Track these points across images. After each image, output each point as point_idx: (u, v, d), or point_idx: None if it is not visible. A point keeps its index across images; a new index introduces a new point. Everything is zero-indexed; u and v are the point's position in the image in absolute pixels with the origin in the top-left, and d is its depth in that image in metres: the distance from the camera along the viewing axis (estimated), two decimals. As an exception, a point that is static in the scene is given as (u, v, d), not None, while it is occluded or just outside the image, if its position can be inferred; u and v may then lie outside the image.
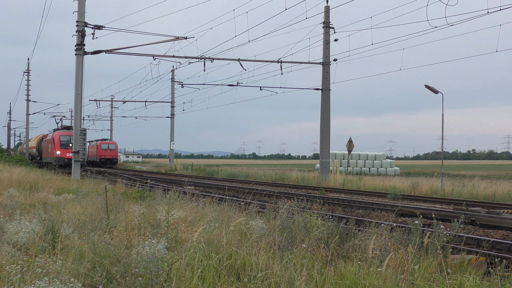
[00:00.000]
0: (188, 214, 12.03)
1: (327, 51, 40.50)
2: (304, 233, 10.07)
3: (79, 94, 32.28)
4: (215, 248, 8.16)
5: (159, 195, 16.00)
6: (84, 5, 32.19)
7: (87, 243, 8.28)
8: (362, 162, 68.61)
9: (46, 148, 63.49)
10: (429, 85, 33.17)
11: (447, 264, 8.58)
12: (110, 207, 11.99)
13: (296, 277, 7.22)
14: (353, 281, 7.30)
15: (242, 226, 10.36)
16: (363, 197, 28.91)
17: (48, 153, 62.36)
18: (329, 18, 39.98)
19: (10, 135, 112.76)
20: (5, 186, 21.42)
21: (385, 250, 8.97)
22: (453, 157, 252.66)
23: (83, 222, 10.86)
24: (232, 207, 14.16)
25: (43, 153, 65.97)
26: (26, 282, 6.67)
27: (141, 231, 9.88)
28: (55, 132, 59.25)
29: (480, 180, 38.59)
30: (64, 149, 56.12)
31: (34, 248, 8.89)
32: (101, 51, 32.04)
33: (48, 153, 61.86)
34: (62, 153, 56.45)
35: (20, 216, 11.13)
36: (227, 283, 7.20)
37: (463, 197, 27.45)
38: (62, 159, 56.16)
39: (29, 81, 75.59)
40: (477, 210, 19.80)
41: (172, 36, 32.83)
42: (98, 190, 18.83)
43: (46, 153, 63.78)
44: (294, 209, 11.43)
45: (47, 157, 63.01)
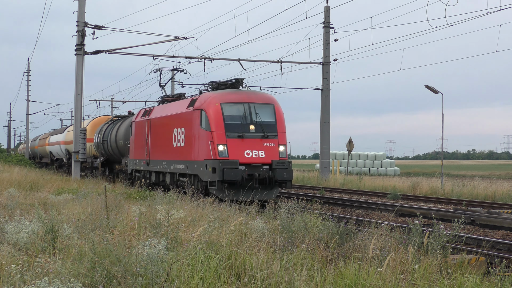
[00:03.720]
0: (188, 214, 12.03)
1: (327, 51, 40.49)
2: (304, 233, 10.07)
3: (79, 94, 32.27)
4: (215, 248, 8.16)
5: (159, 195, 16.00)
6: (84, 5, 32.19)
7: (87, 243, 8.28)
8: (362, 162, 68.61)
9: (158, 140, 25.88)
10: (429, 85, 33.18)
11: (447, 264, 8.58)
12: (110, 207, 11.98)
13: (296, 277, 7.22)
14: (353, 281, 7.30)
15: (242, 226, 10.36)
16: (363, 197, 28.91)
17: (166, 152, 24.90)
18: (329, 18, 40.00)
19: (10, 135, 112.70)
20: (5, 186, 21.41)
21: (385, 250, 8.97)
22: (453, 157, 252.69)
23: (83, 222, 10.86)
24: (232, 207, 14.16)
25: (134, 152, 28.84)
26: (26, 282, 6.66)
27: (141, 231, 9.88)
28: (200, 97, 22.15)
29: (480, 180, 38.59)
30: (236, 138, 20.74)
31: (34, 248, 8.89)
32: (101, 51, 32.04)
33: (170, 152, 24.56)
34: (233, 150, 20.75)
35: (20, 216, 11.13)
36: (227, 283, 7.19)
37: (463, 197, 27.45)
38: (236, 171, 20.08)
39: (29, 81, 75.56)
40: (477, 210, 19.80)
41: (172, 36, 32.85)
42: (98, 190, 18.84)
43: (160, 151, 25.74)
44: (294, 209, 11.43)
45: (161, 159, 25.23)
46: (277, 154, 20.54)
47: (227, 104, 20.90)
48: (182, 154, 22.62)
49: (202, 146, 20.82)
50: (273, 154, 20.48)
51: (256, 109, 21.10)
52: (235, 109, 20.96)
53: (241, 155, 20.13)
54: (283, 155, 20.65)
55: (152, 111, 27.23)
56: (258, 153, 20.32)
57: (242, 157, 20.10)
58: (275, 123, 21.10)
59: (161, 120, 25.75)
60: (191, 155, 21.66)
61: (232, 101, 21.08)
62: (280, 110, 21.53)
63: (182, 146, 22.61)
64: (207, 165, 20.20)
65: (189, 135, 21.98)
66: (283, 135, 21.06)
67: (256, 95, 21.59)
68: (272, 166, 20.27)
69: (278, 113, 21.34)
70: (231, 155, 20.05)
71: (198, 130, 21.21)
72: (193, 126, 21.63)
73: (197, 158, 21.08)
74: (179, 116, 23.24)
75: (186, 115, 22.42)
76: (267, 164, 20.34)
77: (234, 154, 20.08)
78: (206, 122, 20.72)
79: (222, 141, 20.26)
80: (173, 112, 24.25)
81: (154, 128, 26.46)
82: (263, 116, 21.09)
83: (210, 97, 21.26)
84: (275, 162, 20.33)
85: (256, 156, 20.29)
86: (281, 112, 21.52)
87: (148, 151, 26.84)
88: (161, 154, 25.27)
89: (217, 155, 19.97)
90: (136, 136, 28.81)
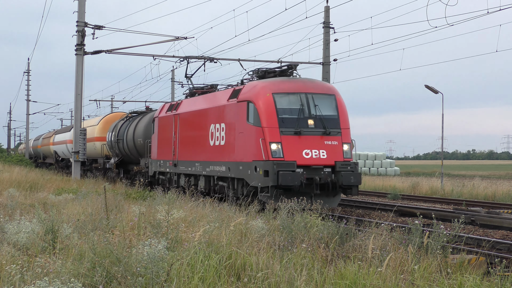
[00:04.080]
0: (188, 214, 12.04)
1: (327, 51, 40.51)
2: (304, 233, 10.07)
3: (79, 94, 32.28)
4: (215, 248, 8.16)
5: (159, 195, 16.00)
6: (84, 5, 32.19)
7: (87, 243, 8.28)
8: (362, 162, 68.63)
9: (189, 138, 22.52)
10: (429, 85, 33.19)
11: (447, 264, 8.59)
12: (110, 207, 11.99)
13: (296, 277, 7.22)
14: (353, 281, 7.30)
15: (242, 226, 10.36)
16: (363, 197, 28.92)
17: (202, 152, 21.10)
18: (329, 18, 40.00)
19: (10, 135, 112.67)
20: (5, 186, 21.41)
21: (385, 250, 8.97)
22: (453, 157, 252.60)
23: (83, 222, 10.86)
24: (232, 207, 14.16)
25: (158, 152, 25.67)
26: (26, 282, 6.66)
27: (141, 231, 9.88)
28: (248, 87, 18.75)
29: (480, 180, 38.60)
30: (292, 135, 17.26)
31: (34, 248, 8.89)
32: (101, 51, 32.02)
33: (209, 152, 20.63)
34: (289, 149, 17.13)
35: (20, 216, 11.13)
36: (227, 283, 7.20)
37: (463, 197, 27.46)
38: (293, 174, 16.54)
39: (29, 81, 75.54)
40: (477, 210, 19.81)
41: (172, 36, 32.84)
42: (98, 190, 18.84)
43: (189, 151, 22.47)
44: (294, 209, 11.43)
45: (190, 160, 21.97)
46: (341, 154, 17.44)
47: (280, 94, 17.57)
48: (222, 154, 19.29)
49: (249, 144, 17.54)
50: (336, 154, 17.35)
51: (315, 100, 17.80)
52: (290, 101, 17.65)
53: (298, 155, 16.94)
54: (347, 156, 17.56)
55: (180, 105, 23.75)
56: (318, 153, 17.10)
57: (300, 158, 16.92)
58: (337, 117, 17.88)
59: (193, 114, 22.17)
60: (234, 155, 18.43)
61: (286, 91, 17.72)
62: (342, 101, 18.29)
63: (222, 145, 19.27)
64: (257, 167, 16.93)
65: (232, 131, 18.64)
66: (347, 132, 17.93)
67: (314, 84, 18.42)
68: (336, 168, 17.18)
69: (341, 105, 18.12)
70: (286, 155, 16.84)
71: (244, 125, 17.87)
72: (237, 121, 18.31)
73: (243, 158, 17.85)
74: (218, 110, 19.79)
75: (228, 109, 19.07)
76: (329, 166, 17.18)
77: (290, 154, 16.88)
78: (255, 116, 17.39)
79: (276, 138, 16.96)
80: (210, 105, 20.74)
81: (183, 124, 22.94)
82: (324, 108, 17.84)
83: (259, 86, 17.97)
84: (339, 163, 17.21)
85: (316, 157, 17.09)
86: (343, 104, 18.31)
87: (176, 150, 23.34)
88: (193, 154, 21.83)
89: (269, 155, 16.75)
90: (160, 133, 25.35)
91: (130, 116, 33.15)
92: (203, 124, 21.00)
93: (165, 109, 25.39)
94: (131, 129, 30.41)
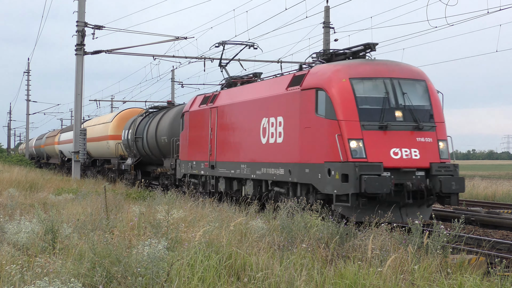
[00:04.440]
0: (188, 214, 12.04)
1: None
2: (304, 233, 10.07)
3: (79, 94, 32.27)
4: (215, 248, 8.16)
5: (159, 195, 16.00)
6: (84, 5, 32.19)
7: (87, 243, 8.28)
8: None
9: (231, 134, 19.36)
10: (429, 85, 33.11)
11: (447, 264, 8.59)
12: (110, 207, 12.00)
13: (296, 277, 7.23)
14: (353, 281, 7.30)
15: (242, 226, 10.37)
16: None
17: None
18: (329, 18, 40.01)
19: (10, 135, 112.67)
20: (5, 186, 21.42)
21: (385, 250, 8.97)
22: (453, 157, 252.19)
23: (83, 222, 10.87)
24: (232, 207, 14.16)
25: (189, 151, 22.43)
26: (26, 282, 6.67)
27: (141, 231, 9.89)
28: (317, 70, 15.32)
29: (480, 180, 38.60)
30: (377, 130, 13.96)
31: (34, 248, 8.90)
32: (101, 51, 32.03)
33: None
34: (373, 148, 13.81)
35: (20, 216, 11.13)
36: (227, 283, 7.20)
37: (463, 197, 27.45)
38: (381, 180, 13.27)
39: (29, 81, 75.55)
40: (477, 210, 19.81)
41: (172, 36, 32.86)
42: (98, 190, 18.84)
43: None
44: (294, 209, 11.42)
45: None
46: (437, 153, 13.90)
47: (359, 79, 14.08)
48: (279, 153, 15.86)
49: (320, 141, 14.15)
50: (431, 154, 13.85)
51: (403, 87, 14.25)
52: (372, 88, 14.18)
53: (385, 156, 13.45)
54: (444, 156, 14.08)
55: (218, 97, 20.29)
56: (409, 152, 13.62)
57: (387, 159, 13.41)
58: (430, 108, 14.32)
59: (236, 107, 18.67)
60: (297, 154, 14.94)
61: (367, 76, 14.20)
62: (434, 89, 14.70)
63: (279, 143, 15.88)
64: (332, 170, 13.49)
65: (294, 126, 15.19)
66: (443, 126, 14.35)
67: (400, 67, 14.78)
68: (431, 172, 13.63)
69: (433, 94, 14.52)
70: (370, 155, 13.36)
71: (312, 118, 14.42)
72: (302, 114, 14.85)
73: (311, 159, 14.38)
74: (273, 101, 16.40)
75: (287, 99, 15.63)
76: (422, 169, 13.67)
77: (375, 153, 13.42)
78: (327, 106, 13.97)
79: (356, 134, 13.53)
80: (260, 96, 17.31)
81: (223, 119, 19.45)
82: (413, 97, 14.31)
83: (332, 70, 14.47)
84: (435, 166, 13.65)
85: (407, 157, 13.58)
86: (435, 92, 14.70)
87: (213, 149, 19.85)
88: (237, 154, 18.37)
89: (348, 155, 13.29)
90: (192, 130, 21.91)
91: (150, 112, 29.91)
92: (251, 118, 17.56)
93: (198, 102, 21.90)
94: (152, 126, 27.34)
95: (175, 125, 24.61)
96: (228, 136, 19.18)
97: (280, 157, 15.81)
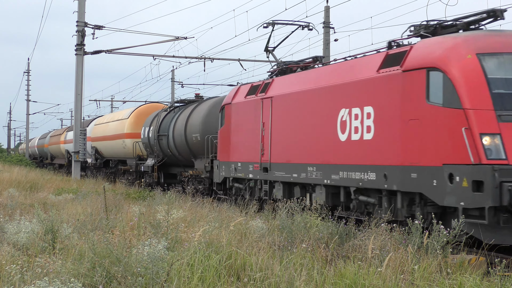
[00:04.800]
0: (188, 214, 12.05)
1: (327, 51, 40.53)
2: (304, 233, 10.08)
3: (79, 94, 32.28)
4: (215, 248, 8.17)
5: (159, 195, 16.00)
6: (84, 5, 32.21)
7: (87, 243, 8.29)
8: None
9: (293, 129, 15.50)
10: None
11: (447, 264, 8.59)
12: (110, 207, 12.01)
13: (296, 277, 7.23)
14: (353, 281, 7.31)
15: (242, 226, 10.38)
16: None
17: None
18: (329, 18, 40.04)
19: (10, 135, 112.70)
20: (5, 186, 21.43)
21: (385, 250, 8.97)
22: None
23: (83, 222, 10.88)
24: (232, 206, 14.17)
25: (232, 151, 18.96)
26: (26, 282, 6.67)
27: (141, 231, 9.89)
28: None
29: None
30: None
31: (34, 248, 8.90)
32: (101, 51, 32.05)
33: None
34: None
35: (20, 216, 11.14)
36: (227, 283, 7.20)
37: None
38: None
39: (29, 81, 75.57)
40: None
41: (172, 36, 32.87)
42: (98, 190, 18.85)
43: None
44: (294, 209, 11.42)
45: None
46: None
47: (490, 56, 10.78)
48: (367, 153, 12.58)
49: (434, 137, 11.02)
50: None
51: None
52: (509, 66, 10.79)
53: None
54: None
55: (271, 85, 16.82)
56: None
57: None
58: None
59: (300, 97, 15.14)
60: (398, 154, 11.76)
61: (501, 50, 10.85)
62: None
63: (368, 140, 12.55)
64: (455, 176, 10.44)
65: (390, 118, 12.03)
66: None
67: None
68: None
69: None
70: (511, 155, 10.16)
71: (422, 107, 11.30)
72: (404, 102, 11.70)
73: (420, 161, 11.24)
74: (357, 87, 13.00)
75: (379, 83, 12.43)
76: None
77: None
78: (446, 91, 10.85)
79: (491, 127, 10.32)
80: (336, 82, 13.77)
81: (281, 111, 15.89)
82: None
83: (450, 43, 11.19)
84: None
85: None
86: None
87: (266, 148, 16.40)
88: (301, 154, 14.79)
89: (481, 156, 10.13)
90: (236, 125, 18.46)
91: (176, 107, 27.05)
92: (323, 109, 14.08)
93: (243, 93, 18.57)
94: (180, 122, 24.32)
95: (211, 121, 21.69)
96: (287, 132, 15.59)
97: (370, 157, 12.48)
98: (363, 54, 13.86)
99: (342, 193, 13.44)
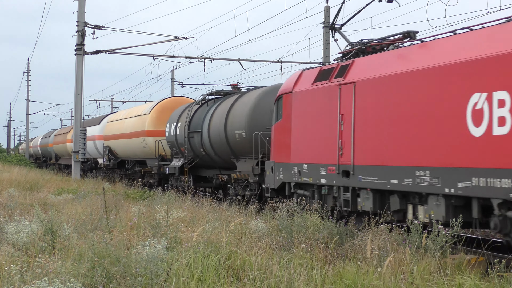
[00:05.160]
0: (188, 214, 12.06)
1: (327, 51, 40.55)
2: (303, 233, 10.09)
3: (79, 94, 32.28)
4: (214, 248, 8.18)
5: (159, 195, 16.01)
6: (84, 5, 32.22)
7: (86, 243, 8.29)
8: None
9: (388, 124, 11.42)
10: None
11: (446, 264, 8.59)
12: (109, 207, 12.01)
13: (296, 277, 7.24)
14: (352, 281, 7.31)
15: (242, 226, 10.38)
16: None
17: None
18: (329, 18, 40.05)
19: (10, 135, 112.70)
20: (5, 186, 21.44)
21: (385, 250, 8.98)
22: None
23: (83, 222, 10.88)
24: (232, 206, 14.17)
25: (293, 150, 14.64)
26: (26, 282, 6.68)
27: (140, 231, 9.90)
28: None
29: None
30: None
31: (34, 248, 8.90)
32: (101, 51, 32.06)
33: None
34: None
35: (20, 216, 11.15)
36: (226, 283, 7.21)
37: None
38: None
39: (29, 81, 75.56)
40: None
41: (172, 36, 32.89)
42: (98, 190, 18.85)
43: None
44: (293, 209, 11.42)
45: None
46: None
47: None
48: None
49: None
50: None
51: None
52: None
53: None
54: None
55: (351, 68, 13.04)
56: None
57: None
58: None
59: (399, 80, 11.34)
60: None
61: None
62: None
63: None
64: None
65: None
66: None
67: None
68: None
69: None
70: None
71: None
72: None
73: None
74: (503, 64, 9.23)
75: None
76: None
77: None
78: None
79: None
80: (460, 58, 10.07)
81: (369, 100, 12.11)
82: None
83: None
84: None
85: None
86: None
87: (347, 146, 12.61)
88: (404, 153, 11.14)
89: None
90: (299, 118, 14.58)
91: (208, 99, 23.19)
92: (440, 95, 10.42)
93: (309, 79, 14.61)
94: (217, 117, 20.83)
95: (259, 114, 18.45)
96: (380, 126, 11.88)
97: None
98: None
99: (475, 207, 9.84)
